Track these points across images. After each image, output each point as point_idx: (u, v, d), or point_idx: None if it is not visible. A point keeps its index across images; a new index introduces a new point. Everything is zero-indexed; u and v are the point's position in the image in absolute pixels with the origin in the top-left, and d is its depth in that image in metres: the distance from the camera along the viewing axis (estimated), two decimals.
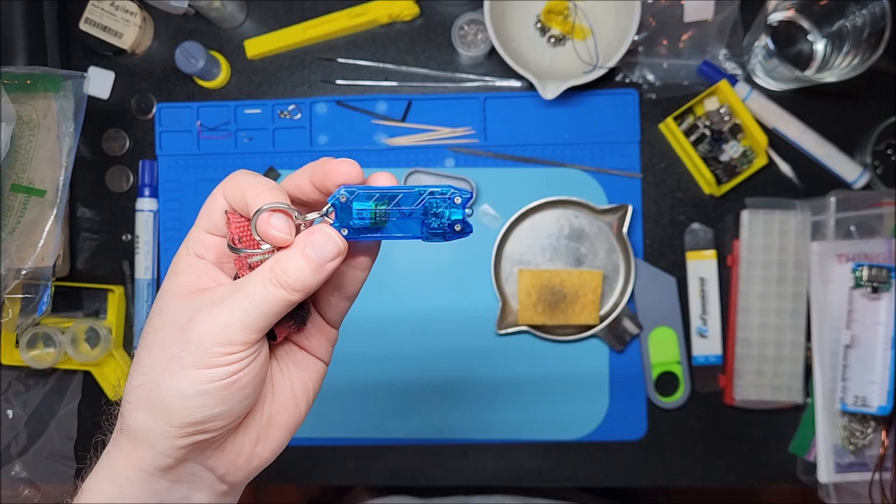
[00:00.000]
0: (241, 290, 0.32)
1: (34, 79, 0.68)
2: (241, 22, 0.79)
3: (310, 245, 0.33)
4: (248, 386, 0.33)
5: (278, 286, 0.32)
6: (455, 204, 0.33)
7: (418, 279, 0.78)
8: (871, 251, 0.69)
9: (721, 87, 0.73)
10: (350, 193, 0.33)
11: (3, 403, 0.78)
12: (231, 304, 0.32)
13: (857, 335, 0.68)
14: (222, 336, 0.31)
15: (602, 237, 0.76)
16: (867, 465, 0.70)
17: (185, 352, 0.32)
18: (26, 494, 0.78)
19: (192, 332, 0.32)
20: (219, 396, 0.32)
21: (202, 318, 0.32)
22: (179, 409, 0.32)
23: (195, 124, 0.79)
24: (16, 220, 0.67)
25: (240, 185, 0.34)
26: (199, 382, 0.32)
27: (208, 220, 0.35)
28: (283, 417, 0.37)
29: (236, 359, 0.32)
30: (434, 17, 0.79)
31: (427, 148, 0.78)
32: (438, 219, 0.33)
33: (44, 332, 0.74)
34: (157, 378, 0.32)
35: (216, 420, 0.33)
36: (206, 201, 0.35)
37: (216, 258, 0.36)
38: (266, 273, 0.32)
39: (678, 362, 0.76)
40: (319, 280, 0.33)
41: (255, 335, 0.32)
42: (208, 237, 0.35)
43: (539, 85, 0.71)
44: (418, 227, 0.34)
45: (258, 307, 0.32)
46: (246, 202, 0.33)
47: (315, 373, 0.39)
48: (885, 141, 0.74)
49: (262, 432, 0.37)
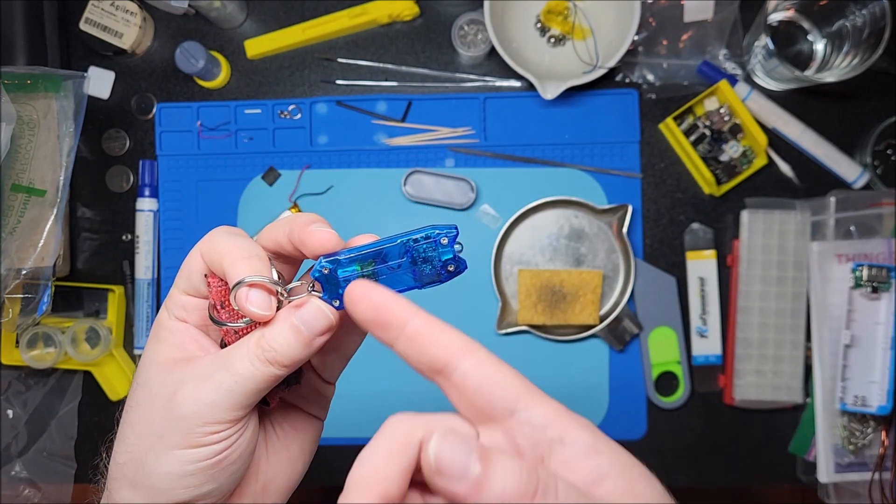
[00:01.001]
0: (227, 367, 0.30)
1: (34, 79, 0.68)
2: (241, 22, 0.79)
3: (299, 318, 0.31)
4: (238, 461, 0.32)
5: (265, 362, 0.30)
6: (442, 245, 0.31)
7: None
8: (870, 251, 0.69)
9: (721, 87, 0.73)
10: (332, 263, 0.31)
11: (3, 403, 0.78)
12: (217, 381, 0.30)
13: (856, 335, 0.69)
14: (208, 415, 0.30)
15: (602, 237, 0.76)
16: (867, 464, 0.70)
17: (168, 431, 0.30)
18: (26, 494, 0.78)
19: (177, 410, 0.30)
20: (207, 476, 0.31)
21: (187, 396, 0.30)
22: (167, 489, 0.30)
23: (195, 124, 0.79)
24: (16, 219, 0.67)
25: (217, 249, 0.31)
26: (186, 462, 0.30)
27: (188, 282, 0.33)
28: (279, 482, 0.36)
29: (223, 437, 0.30)
30: (434, 17, 0.79)
31: (427, 148, 0.78)
32: (429, 264, 0.32)
33: (44, 331, 0.74)
34: (142, 457, 0.31)
35: (205, 498, 0.31)
36: (185, 262, 0.33)
37: (199, 321, 0.33)
38: (252, 348, 0.30)
39: (678, 362, 0.76)
40: (309, 354, 0.31)
41: (242, 412, 0.31)
42: (189, 300, 0.33)
43: (539, 85, 0.71)
44: (410, 278, 0.32)
45: (244, 385, 0.30)
46: (223, 271, 0.31)
47: (312, 432, 0.37)
48: (885, 141, 0.74)
49: (258, 499, 0.35)
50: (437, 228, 0.31)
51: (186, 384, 0.30)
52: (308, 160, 0.78)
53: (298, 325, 0.31)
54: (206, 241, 0.32)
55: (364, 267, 0.31)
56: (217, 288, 0.32)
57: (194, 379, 0.31)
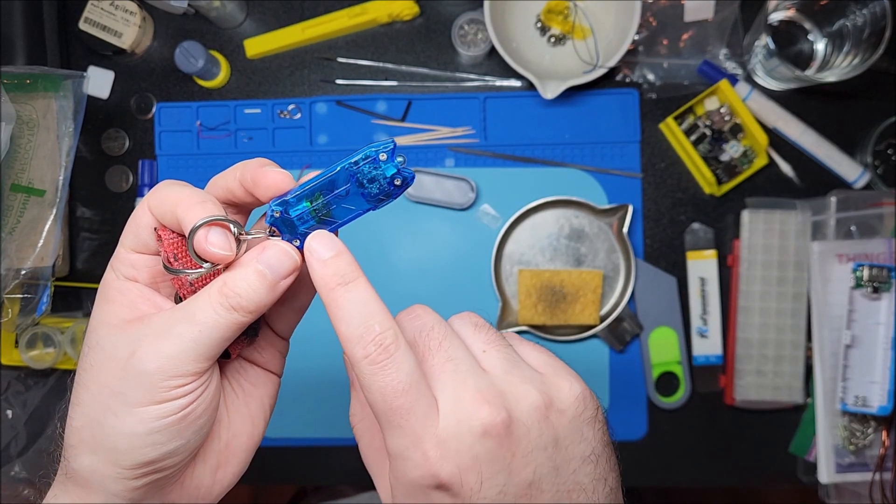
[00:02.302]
0: (189, 318, 0.30)
1: (34, 78, 0.68)
2: (240, 22, 0.79)
3: (262, 262, 0.30)
4: (203, 416, 0.31)
5: (230, 309, 0.30)
6: (384, 161, 0.31)
7: (418, 280, 0.78)
8: (871, 251, 0.69)
9: (721, 87, 0.73)
10: (282, 206, 0.31)
11: (3, 403, 0.78)
12: (179, 333, 0.29)
13: (857, 335, 0.68)
14: (172, 369, 0.29)
15: (602, 237, 0.76)
16: (867, 465, 0.70)
17: (129, 388, 0.29)
18: (26, 494, 0.78)
19: (137, 366, 0.29)
20: (173, 432, 0.30)
21: (147, 351, 0.29)
22: (130, 449, 0.29)
23: (195, 124, 0.79)
24: (15, 219, 0.67)
25: (168, 199, 0.31)
26: (150, 420, 0.29)
27: (135, 239, 0.32)
28: (242, 440, 0.35)
29: (189, 390, 0.30)
30: (434, 17, 0.79)
31: (427, 148, 0.78)
32: (375, 183, 0.31)
33: (43, 332, 0.74)
34: (100, 418, 0.30)
35: (172, 456, 0.30)
36: (131, 218, 0.32)
37: (149, 278, 0.32)
38: (215, 295, 0.30)
39: (678, 362, 0.75)
40: (274, 298, 0.31)
41: (206, 363, 0.30)
42: (137, 257, 0.32)
43: (539, 85, 0.71)
44: (363, 201, 0.32)
45: (209, 334, 0.29)
46: (177, 217, 0.30)
47: (270, 387, 0.37)
48: (886, 141, 0.74)
49: (222, 459, 0.34)
50: (374, 146, 0.31)
51: (145, 341, 0.30)
52: (308, 160, 0.78)
53: (262, 269, 0.30)
54: (153, 194, 0.31)
55: (313, 201, 0.31)
56: (169, 240, 0.31)
57: (153, 335, 0.30)
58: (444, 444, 0.28)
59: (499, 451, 0.28)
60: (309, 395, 0.76)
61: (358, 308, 0.29)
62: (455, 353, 0.30)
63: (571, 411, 0.31)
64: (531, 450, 0.29)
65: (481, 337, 0.32)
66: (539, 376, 0.31)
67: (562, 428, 0.30)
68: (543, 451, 0.29)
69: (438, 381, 0.30)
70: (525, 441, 0.29)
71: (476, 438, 0.28)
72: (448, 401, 0.29)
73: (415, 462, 0.28)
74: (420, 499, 0.29)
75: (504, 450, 0.28)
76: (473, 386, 0.29)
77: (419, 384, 0.29)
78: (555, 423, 0.30)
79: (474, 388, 0.29)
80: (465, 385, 0.29)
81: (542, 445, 0.29)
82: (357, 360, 0.29)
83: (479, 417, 0.28)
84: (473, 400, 0.29)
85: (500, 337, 0.33)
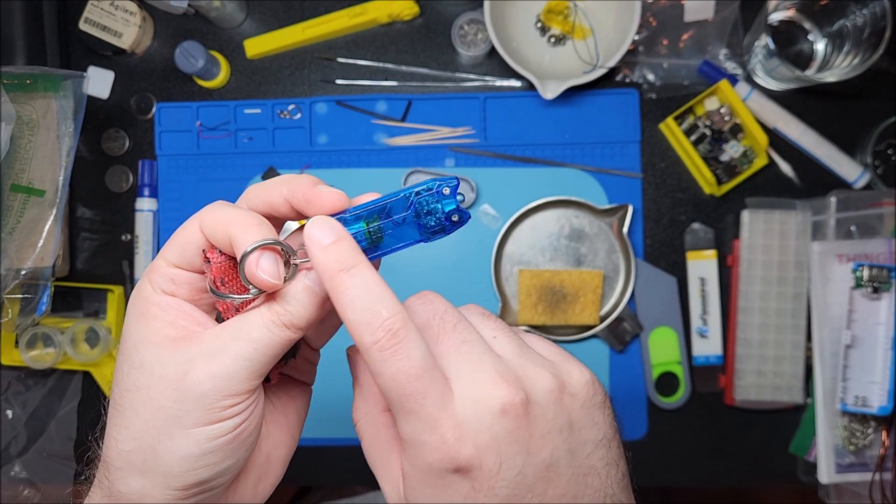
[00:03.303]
0: (242, 336, 0.30)
1: (34, 79, 0.68)
2: (240, 22, 0.79)
3: (311, 279, 0.30)
4: (253, 433, 0.31)
5: (282, 326, 0.30)
6: (445, 195, 0.31)
7: (418, 280, 0.78)
8: (871, 251, 0.69)
9: (721, 87, 0.73)
10: (339, 222, 0.31)
11: (3, 403, 0.78)
12: (234, 352, 0.29)
13: (857, 335, 0.68)
14: (226, 389, 0.29)
15: (602, 237, 0.76)
16: (867, 465, 0.70)
17: (184, 410, 0.29)
18: (26, 494, 0.78)
19: (192, 388, 0.29)
20: (227, 451, 0.30)
21: (200, 373, 0.29)
22: (184, 471, 0.30)
23: (195, 124, 0.79)
24: (15, 220, 0.67)
25: (222, 219, 0.30)
26: (205, 441, 0.29)
27: (180, 255, 0.31)
28: (281, 451, 0.36)
29: (241, 409, 0.30)
30: (434, 17, 0.79)
31: (427, 148, 0.78)
32: (433, 216, 0.32)
33: (43, 332, 0.74)
34: (153, 442, 0.30)
35: (223, 475, 0.31)
36: (177, 233, 0.31)
37: (189, 295, 0.32)
38: (266, 313, 0.30)
39: (678, 362, 0.75)
40: (322, 314, 0.31)
41: (257, 381, 0.30)
42: (178, 272, 0.31)
43: (539, 85, 0.71)
44: (416, 231, 0.32)
45: (263, 352, 0.30)
46: (229, 239, 0.30)
47: (305, 398, 0.37)
48: (886, 141, 0.74)
49: (262, 471, 0.35)
50: (439, 180, 0.31)
51: (197, 361, 0.29)
52: (308, 160, 0.78)
53: (312, 286, 0.30)
54: (207, 213, 0.31)
55: (369, 223, 0.32)
56: (218, 263, 0.31)
57: (205, 354, 0.30)
58: (461, 425, 0.28)
59: (518, 431, 0.28)
60: None
61: (363, 293, 0.29)
62: (469, 336, 0.30)
63: (583, 395, 0.31)
64: (548, 430, 0.29)
65: (490, 325, 0.32)
66: (549, 362, 0.31)
67: (574, 411, 0.30)
68: (559, 433, 0.29)
69: (453, 363, 0.29)
70: (542, 422, 0.29)
71: (495, 418, 0.28)
72: (464, 382, 0.29)
73: (432, 446, 0.28)
74: (437, 485, 0.28)
75: (522, 430, 0.28)
76: (490, 366, 0.29)
77: (432, 368, 0.28)
78: (568, 406, 0.30)
79: (491, 368, 0.29)
80: (481, 366, 0.29)
81: (557, 427, 0.29)
82: (366, 346, 0.28)
83: (499, 396, 0.28)
84: (491, 380, 0.28)
85: (508, 326, 0.33)
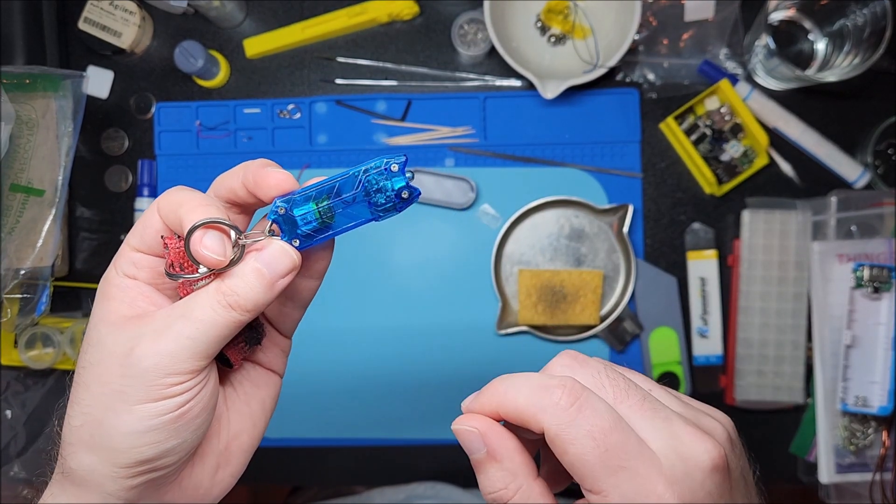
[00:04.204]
0: (187, 315, 0.30)
1: (33, 78, 0.68)
2: (240, 21, 0.79)
3: (261, 260, 0.30)
4: (201, 415, 0.31)
5: (228, 307, 0.30)
6: (394, 173, 0.31)
7: (418, 280, 0.77)
8: (871, 251, 0.69)
9: (722, 87, 0.73)
10: (287, 203, 0.31)
11: (3, 403, 0.78)
12: (177, 330, 0.29)
13: (857, 335, 0.68)
14: (169, 367, 0.29)
15: (602, 237, 0.76)
16: (868, 465, 0.70)
17: (128, 386, 0.29)
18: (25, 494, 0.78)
19: (136, 364, 0.29)
20: (170, 430, 0.30)
21: (146, 349, 0.29)
22: (128, 447, 0.29)
23: (194, 124, 0.79)
24: (14, 219, 0.67)
25: (174, 202, 0.31)
26: (148, 417, 0.29)
27: (141, 240, 0.32)
28: (242, 441, 0.35)
29: (185, 388, 0.30)
30: (434, 17, 0.79)
31: (427, 147, 0.78)
32: (383, 193, 0.32)
33: (42, 332, 0.74)
34: (100, 416, 0.30)
35: (168, 455, 0.30)
36: (141, 219, 0.32)
37: (150, 278, 0.32)
38: (213, 294, 0.30)
39: (679, 362, 0.75)
40: (272, 298, 0.31)
41: (203, 361, 0.30)
42: (141, 256, 0.32)
43: (539, 84, 0.71)
44: (367, 210, 0.32)
45: (206, 332, 0.30)
46: (180, 219, 0.30)
47: (272, 388, 0.37)
48: (886, 140, 0.74)
49: (221, 459, 0.34)
50: (386, 157, 0.32)
51: (144, 338, 0.30)
52: (307, 160, 0.78)
53: (261, 268, 0.30)
54: (163, 196, 0.32)
55: (319, 203, 0.31)
56: (175, 248, 0.31)
57: (152, 332, 0.30)
58: (675, 484, 0.26)
59: (724, 485, 0.27)
60: (309, 396, 0.76)
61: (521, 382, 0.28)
62: (643, 393, 0.29)
63: (738, 441, 0.30)
64: (736, 480, 0.28)
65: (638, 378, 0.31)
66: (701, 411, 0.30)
67: (739, 458, 0.30)
68: (742, 480, 0.29)
69: (641, 420, 0.27)
70: (733, 473, 0.28)
71: (707, 475, 0.27)
72: (661, 439, 0.27)
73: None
74: None
75: (726, 484, 0.27)
76: (681, 421, 0.28)
77: (622, 421, 0.27)
78: (738, 454, 0.30)
79: (683, 423, 0.27)
80: (671, 422, 0.27)
81: (738, 477, 0.29)
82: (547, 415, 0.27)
83: (706, 451, 0.27)
84: (692, 435, 0.27)
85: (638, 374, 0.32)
